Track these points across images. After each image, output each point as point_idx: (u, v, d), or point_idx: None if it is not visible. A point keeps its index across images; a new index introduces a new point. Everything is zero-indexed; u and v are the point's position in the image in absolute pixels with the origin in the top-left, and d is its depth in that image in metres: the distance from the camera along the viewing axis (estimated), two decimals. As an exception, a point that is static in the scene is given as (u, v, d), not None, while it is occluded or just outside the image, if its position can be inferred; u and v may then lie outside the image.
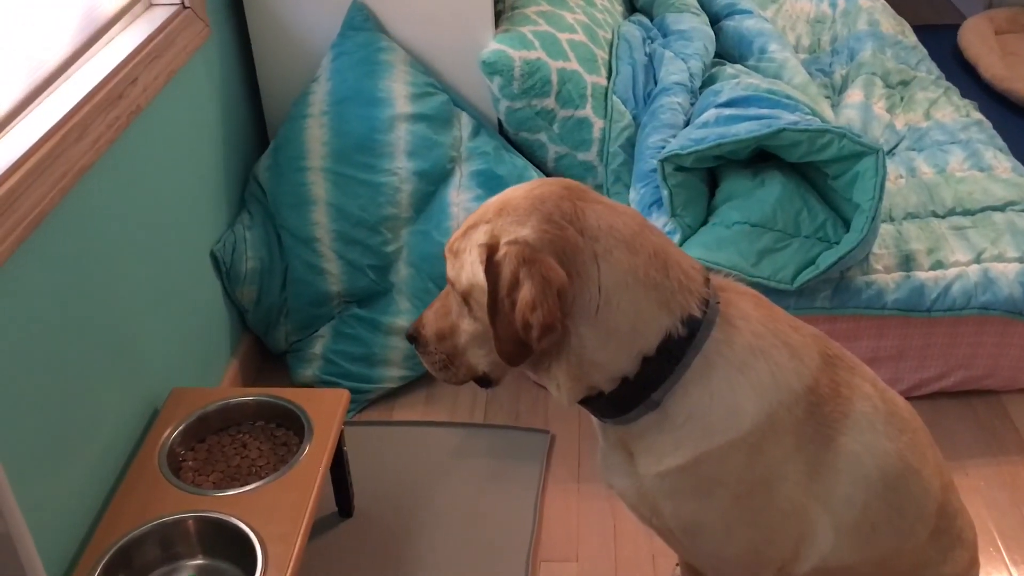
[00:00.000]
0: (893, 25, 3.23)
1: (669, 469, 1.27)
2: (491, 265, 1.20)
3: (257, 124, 2.60)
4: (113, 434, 1.79)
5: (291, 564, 1.56)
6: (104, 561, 1.55)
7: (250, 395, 1.94)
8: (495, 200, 1.27)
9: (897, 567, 1.42)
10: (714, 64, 2.76)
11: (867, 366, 1.42)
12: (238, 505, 1.66)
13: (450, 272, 1.27)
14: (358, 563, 1.94)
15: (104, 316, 1.77)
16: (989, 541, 1.97)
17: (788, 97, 2.37)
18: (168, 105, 2.02)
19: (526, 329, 1.17)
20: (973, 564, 1.52)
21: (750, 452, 1.25)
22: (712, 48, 2.78)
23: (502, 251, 1.19)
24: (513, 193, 1.26)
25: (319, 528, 2.00)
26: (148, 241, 1.94)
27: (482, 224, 1.24)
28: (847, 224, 2.18)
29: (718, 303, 1.26)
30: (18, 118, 1.57)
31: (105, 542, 1.59)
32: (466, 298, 1.26)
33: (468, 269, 1.23)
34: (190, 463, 1.82)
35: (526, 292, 1.16)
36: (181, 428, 1.84)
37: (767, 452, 1.26)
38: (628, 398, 1.25)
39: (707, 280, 1.28)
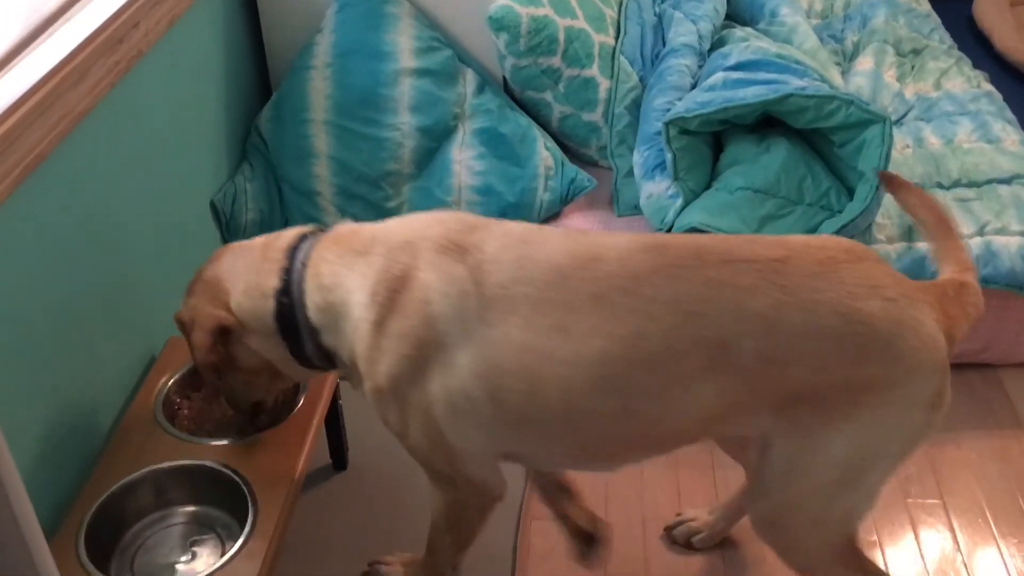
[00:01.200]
0: (907, -8, 3.18)
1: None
2: (185, 333, 1.57)
3: (260, 74, 2.58)
4: (109, 380, 1.80)
5: (283, 514, 1.57)
6: (97, 505, 1.56)
7: (247, 346, 1.93)
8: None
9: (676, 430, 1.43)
10: (724, 26, 2.72)
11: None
12: (232, 454, 1.67)
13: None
14: (350, 515, 1.96)
15: (102, 262, 1.76)
16: (978, 513, 1.98)
17: (797, 62, 2.34)
18: (170, 51, 2.00)
19: (205, 367, 1.55)
20: None
21: (366, 365, 1.43)
22: (723, 10, 2.74)
23: (182, 317, 1.57)
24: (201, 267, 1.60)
25: (313, 480, 2.01)
26: (148, 188, 1.94)
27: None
28: (851, 193, 2.16)
29: (303, 265, 1.47)
30: (16, 59, 1.55)
31: (99, 487, 1.60)
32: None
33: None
34: (185, 411, 1.83)
35: (196, 338, 1.53)
36: (177, 376, 1.84)
37: (374, 361, 1.41)
38: (314, 360, 1.53)
39: (296, 248, 1.49)
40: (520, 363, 1.34)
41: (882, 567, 1.84)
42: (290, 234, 1.54)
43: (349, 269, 1.43)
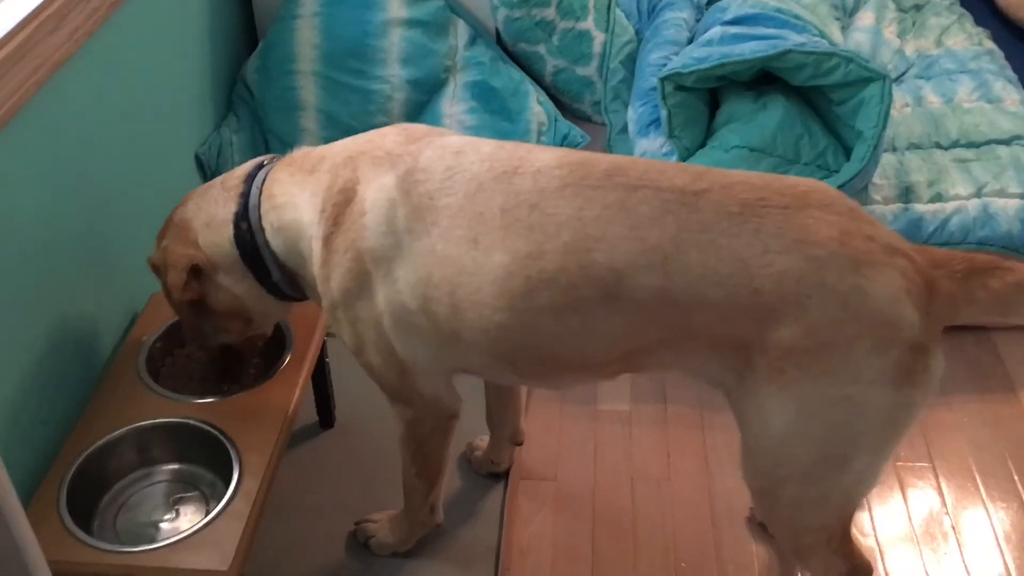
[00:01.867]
0: (910, -54, 3.11)
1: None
2: (160, 277, 1.59)
3: (247, 22, 2.51)
4: (91, 336, 1.77)
5: (267, 473, 1.55)
6: (78, 463, 1.54)
7: (232, 302, 1.90)
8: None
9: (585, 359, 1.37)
10: (722, -21, 2.66)
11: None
12: (216, 412, 1.64)
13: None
14: (336, 473, 1.94)
15: (82, 215, 1.72)
16: (968, 477, 1.98)
17: (797, 17, 2.29)
18: (151, -2, 1.94)
19: (183, 307, 1.58)
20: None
21: (321, 283, 1.45)
22: (721, -38, 2.68)
23: (155, 260, 1.59)
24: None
25: (299, 438, 2.00)
26: (129, 139, 1.89)
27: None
28: (848, 152, 2.13)
29: (259, 188, 1.50)
30: (-12, 5, 1.50)
31: (80, 445, 1.57)
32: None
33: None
34: (169, 368, 1.80)
35: (170, 278, 1.54)
36: (161, 332, 1.81)
37: (326, 278, 1.43)
38: (283, 288, 1.55)
39: (253, 175, 1.52)
40: (442, 275, 1.33)
41: (870, 532, 1.85)
42: (248, 164, 1.57)
43: (300, 188, 1.45)
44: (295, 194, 1.46)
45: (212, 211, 1.53)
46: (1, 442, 1.48)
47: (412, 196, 1.36)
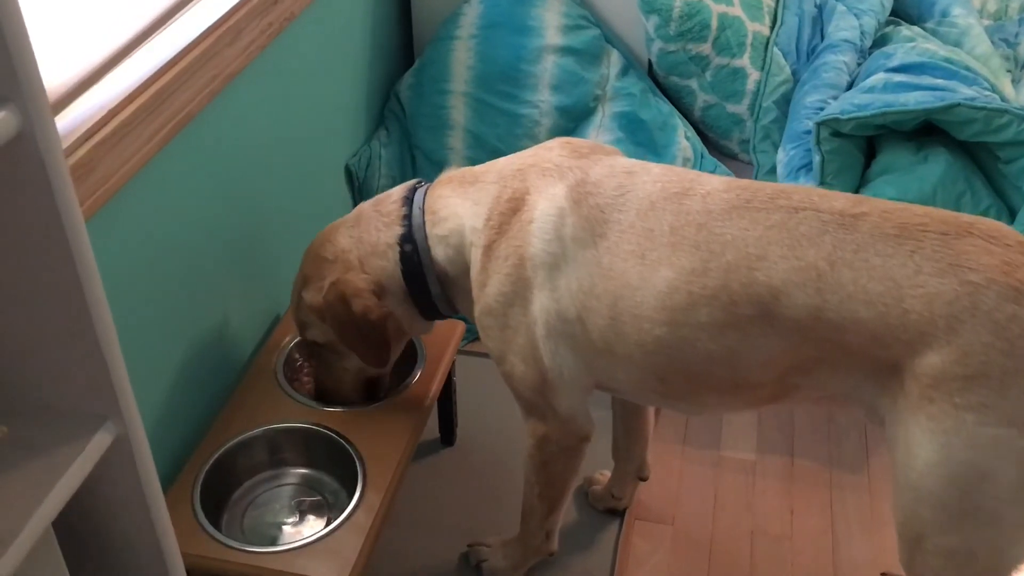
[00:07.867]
0: (1094, -3, 2.93)
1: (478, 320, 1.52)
2: (329, 312, 1.57)
3: (405, 41, 2.57)
4: (235, 336, 1.84)
5: (390, 487, 1.57)
6: (213, 459, 1.60)
7: (369, 314, 1.94)
8: (299, 275, 1.66)
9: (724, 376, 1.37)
10: (889, 23, 2.57)
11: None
12: (346, 422, 1.68)
13: (309, 337, 1.67)
14: (453, 492, 1.96)
15: (238, 218, 1.80)
16: None
17: (967, 68, 2.19)
18: (320, 14, 2.01)
19: (372, 328, 1.56)
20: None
21: (477, 289, 1.48)
22: (889, 5, 2.58)
23: (328, 298, 1.56)
24: (304, 260, 1.66)
25: (420, 453, 2.02)
26: (287, 148, 1.96)
27: (302, 294, 1.62)
28: (1013, 214, 2.02)
29: (421, 209, 1.55)
30: (173, 18, 1.58)
31: (217, 441, 1.63)
32: (330, 347, 1.65)
33: (316, 329, 1.64)
34: (306, 372, 1.85)
35: (357, 305, 1.54)
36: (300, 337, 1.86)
37: (483, 284, 1.46)
38: (439, 306, 1.60)
39: (410, 198, 1.57)
40: (605, 287, 1.38)
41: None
42: (399, 189, 1.62)
43: (463, 199, 1.51)
44: (458, 205, 1.52)
45: (374, 238, 1.58)
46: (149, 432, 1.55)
47: (582, 207, 1.41)
